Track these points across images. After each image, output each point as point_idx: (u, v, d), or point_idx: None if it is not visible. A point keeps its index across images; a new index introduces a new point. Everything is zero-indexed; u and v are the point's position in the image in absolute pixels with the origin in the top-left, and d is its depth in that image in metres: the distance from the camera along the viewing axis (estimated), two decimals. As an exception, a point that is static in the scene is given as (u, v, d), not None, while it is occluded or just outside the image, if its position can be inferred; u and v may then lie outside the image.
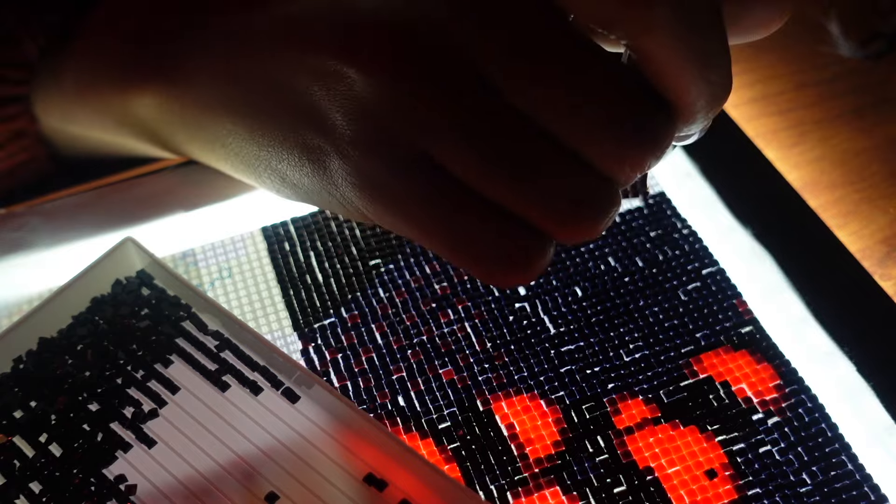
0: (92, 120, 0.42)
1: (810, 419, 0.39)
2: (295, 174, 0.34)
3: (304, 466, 0.36)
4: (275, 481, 0.36)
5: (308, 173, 0.34)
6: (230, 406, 0.38)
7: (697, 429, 0.39)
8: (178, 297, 0.40)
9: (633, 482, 0.37)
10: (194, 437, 0.37)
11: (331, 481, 0.36)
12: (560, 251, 0.45)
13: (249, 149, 0.35)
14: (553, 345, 0.42)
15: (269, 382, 0.38)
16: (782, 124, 0.54)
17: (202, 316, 0.40)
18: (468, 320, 0.43)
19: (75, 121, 0.43)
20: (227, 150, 0.37)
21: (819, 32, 0.60)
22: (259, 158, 0.35)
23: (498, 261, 0.31)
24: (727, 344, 0.42)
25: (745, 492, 0.37)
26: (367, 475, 0.36)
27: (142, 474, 0.36)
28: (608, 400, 0.40)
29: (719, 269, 0.45)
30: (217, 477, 0.36)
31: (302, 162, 0.33)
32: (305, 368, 0.38)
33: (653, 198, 0.48)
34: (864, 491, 0.37)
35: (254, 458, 0.36)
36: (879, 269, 0.46)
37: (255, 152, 0.35)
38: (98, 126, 0.42)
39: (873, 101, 0.55)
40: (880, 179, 0.51)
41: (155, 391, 0.38)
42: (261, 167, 0.36)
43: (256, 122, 0.34)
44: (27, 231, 0.46)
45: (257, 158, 0.36)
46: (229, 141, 0.36)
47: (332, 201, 0.34)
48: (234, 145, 0.36)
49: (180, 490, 0.35)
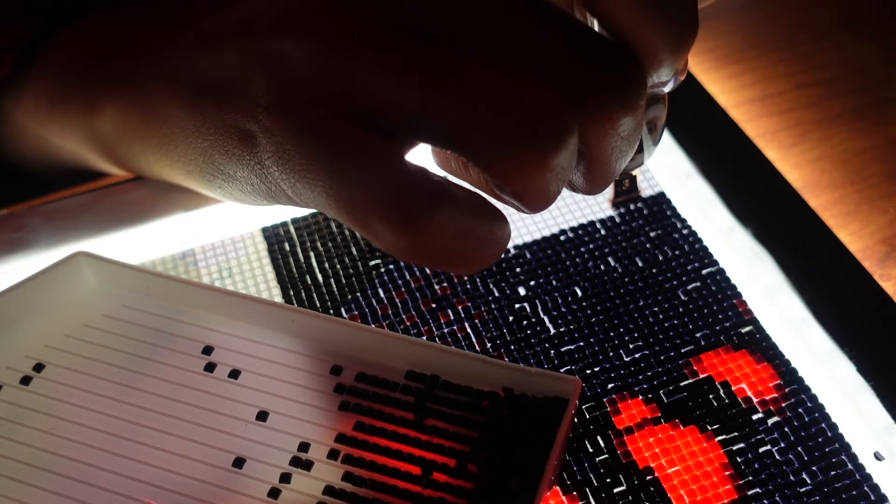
0: (59, 136, 0.42)
1: (810, 419, 0.39)
2: (230, 164, 0.34)
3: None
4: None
5: (239, 158, 0.34)
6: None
7: (697, 429, 0.39)
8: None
9: (633, 482, 0.38)
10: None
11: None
12: (560, 251, 0.45)
13: (195, 142, 0.35)
14: (553, 345, 0.42)
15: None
16: (782, 124, 0.54)
17: (191, 313, 0.40)
18: (468, 320, 0.43)
19: (42, 136, 0.43)
20: (177, 150, 0.37)
21: (819, 32, 0.60)
22: (202, 151, 0.36)
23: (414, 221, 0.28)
24: (727, 344, 0.42)
25: (745, 492, 0.37)
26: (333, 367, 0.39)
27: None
28: (608, 400, 0.40)
29: (719, 269, 0.45)
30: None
31: (234, 146, 0.33)
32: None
33: (652, 198, 0.48)
34: (863, 491, 0.37)
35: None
36: (879, 269, 0.46)
37: (198, 144, 0.35)
38: (63, 142, 0.43)
39: (873, 101, 0.56)
40: (880, 179, 0.51)
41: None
42: (203, 161, 0.36)
43: (201, 111, 0.34)
44: (28, 232, 0.46)
45: (200, 152, 0.36)
46: (179, 139, 0.36)
47: (262, 188, 0.34)
48: (182, 143, 0.36)
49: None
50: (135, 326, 0.40)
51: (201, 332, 0.40)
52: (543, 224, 0.47)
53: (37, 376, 0.39)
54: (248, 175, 0.34)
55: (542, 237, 0.46)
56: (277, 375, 0.38)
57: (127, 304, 0.41)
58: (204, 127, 0.34)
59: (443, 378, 0.38)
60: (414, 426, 0.37)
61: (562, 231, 0.46)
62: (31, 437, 0.37)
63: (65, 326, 0.40)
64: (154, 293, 0.41)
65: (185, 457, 0.36)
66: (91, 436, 0.37)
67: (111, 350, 0.39)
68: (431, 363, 0.38)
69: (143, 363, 0.39)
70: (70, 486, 0.36)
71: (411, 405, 0.37)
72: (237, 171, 0.34)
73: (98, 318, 0.40)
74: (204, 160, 0.36)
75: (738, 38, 0.60)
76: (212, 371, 0.39)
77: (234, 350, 0.39)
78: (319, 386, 0.38)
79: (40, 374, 0.39)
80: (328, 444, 0.37)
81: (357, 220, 0.29)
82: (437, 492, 0.35)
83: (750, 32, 0.61)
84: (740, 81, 0.57)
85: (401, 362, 0.38)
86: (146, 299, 0.41)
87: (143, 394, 0.38)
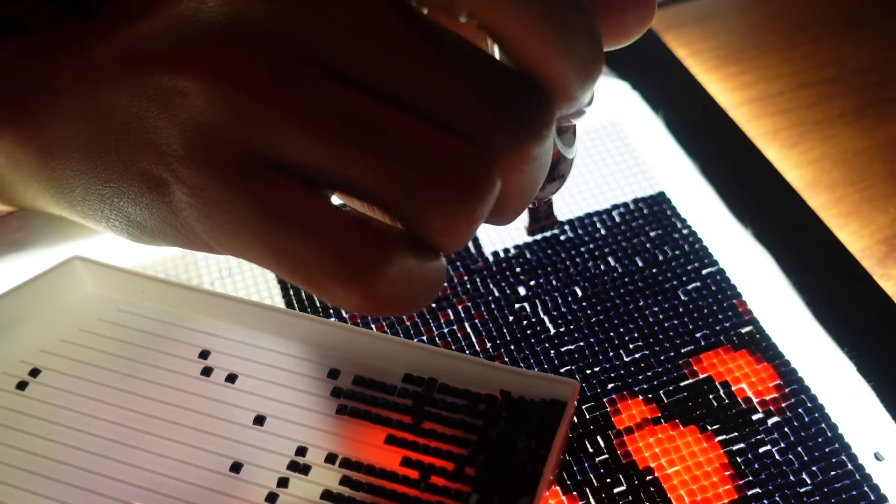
0: None
1: (810, 419, 0.39)
2: (137, 211, 0.32)
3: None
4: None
5: (148, 206, 0.32)
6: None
7: (697, 429, 0.39)
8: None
9: (633, 482, 0.37)
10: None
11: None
12: (560, 251, 0.45)
13: (94, 188, 0.33)
14: (553, 344, 0.42)
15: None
16: (782, 124, 0.54)
17: (187, 317, 0.40)
18: (468, 320, 0.43)
19: None
20: (74, 194, 0.35)
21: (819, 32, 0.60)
22: (103, 198, 0.33)
23: (335, 271, 0.28)
24: (727, 344, 0.42)
25: (745, 492, 0.37)
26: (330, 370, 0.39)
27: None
28: (608, 400, 0.40)
29: (719, 269, 0.45)
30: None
31: (142, 195, 0.31)
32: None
33: (652, 198, 0.48)
34: (863, 491, 0.37)
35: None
36: (879, 269, 0.46)
37: (98, 191, 0.33)
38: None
39: (873, 101, 0.55)
40: (880, 179, 0.51)
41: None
42: (106, 208, 0.34)
43: (101, 157, 0.32)
44: (28, 233, 0.46)
45: (101, 199, 0.33)
46: (77, 184, 0.34)
47: (177, 236, 0.32)
48: (80, 189, 0.34)
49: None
50: (131, 331, 0.40)
51: (198, 336, 0.40)
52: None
53: (33, 381, 0.38)
54: (160, 224, 0.32)
55: (543, 237, 0.46)
56: (274, 379, 0.38)
57: (123, 308, 0.41)
58: (105, 174, 0.32)
59: (440, 381, 0.38)
60: (411, 429, 0.37)
61: (562, 231, 0.46)
62: (28, 443, 0.37)
63: (61, 331, 0.40)
64: (150, 297, 0.41)
65: (182, 461, 0.36)
66: (87, 441, 0.37)
67: (107, 354, 0.39)
68: (429, 366, 0.38)
69: (140, 367, 0.39)
70: (67, 492, 0.36)
71: (409, 408, 0.37)
72: (147, 220, 0.32)
73: (94, 322, 0.40)
74: (108, 207, 0.33)
75: (738, 38, 0.60)
76: (208, 375, 0.39)
77: (230, 354, 0.39)
78: (317, 390, 0.38)
79: (36, 380, 0.39)
80: (326, 447, 0.36)
81: (300, 276, 0.28)
82: (436, 495, 0.35)
83: (750, 32, 0.61)
84: (740, 81, 0.57)
85: (398, 365, 0.38)
86: (142, 303, 0.41)
87: (139, 398, 0.38)
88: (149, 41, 0.30)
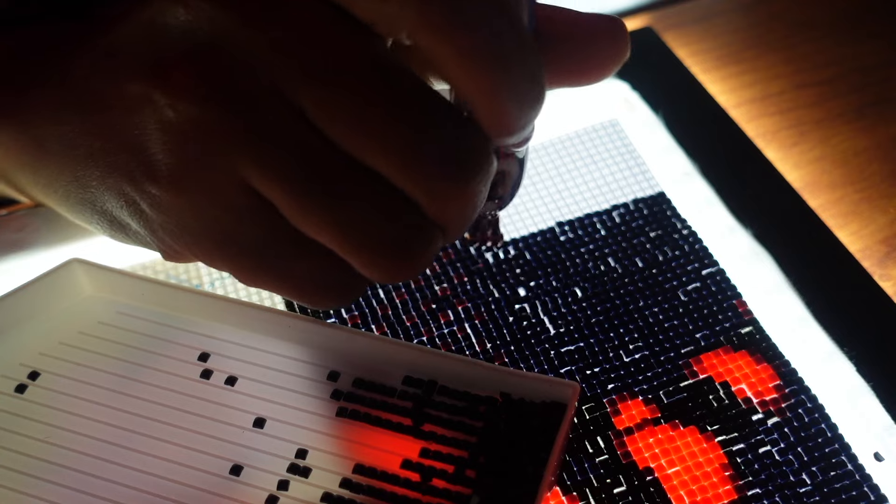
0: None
1: (810, 419, 0.39)
2: (121, 215, 0.33)
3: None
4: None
5: (129, 214, 0.32)
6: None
7: (697, 429, 0.39)
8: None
9: (633, 482, 0.37)
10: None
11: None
12: (560, 251, 0.45)
13: (76, 191, 0.34)
14: (553, 345, 0.42)
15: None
16: (782, 124, 0.54)
17: (187, 320, 0.40)
18: (468, 321, 0.43)
19: None
20: (58, 194, 0.35)
21: (818, 32, 0.60)
22: (85, 201, 0.34)
23: (313, 291, 0.32)
24: (727, 344, 0.42)
25: (745, 492, 0.37)
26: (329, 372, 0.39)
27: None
28: (608, 400, 0.40)
29: (719, 270, 0.45)
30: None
31: (121, 205, 0.32)
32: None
33: (652, 198, 0.48)
34: (863, 491, 0.37)
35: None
36: (879, 269, 0.46)
37: (80, 194, 0.34)
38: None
39: (873, 101, 0.55)
40: (880, 179, 0.51)
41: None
42: (88, 210, 0.34)
43: (81, 162, 0.32)
44: (28, 233, 0.46)
45: (82, 201, 0.34)
46: (61, 184, 0.34)
47: (156, 244, 0.33)
48: (63, 189, 0.34)
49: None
50: (130, 333, 0.40)
51: (197, 339, 0.40)
52: (542, 222, 0.47)
53: (32, 384, 0.38)
54: (140, 229, 0.33)
55: (543, 237, 0.46)
56: (274, 382, 0.38)
57: (122, 310, 0.41)
58: (84, 179, 0.33)
59: (440, 383, 0.38)
60: (412, 432, 0.37)
61: (562, 231, 0.46)
62: (27, 446, 0.37)
63: (59, 334, 0.40)
64: (150, 300, 0.41)
65: (182, 464, 0.36)
66: (87, 444, 0.37)
67: (107, 357, 0.39)
68: (429, 368, 0.38)
69: (139, 370, 0.39)
70: (66, 495, 0.36)
71: (409, 411, 0.37)
72: (129, 224, 0.33)
73: (93, 325, 0.40)
74: (90, 210, 0.34)
75: (738, 38, 0.60)
76: (208, 378, 0.39)
77: (230, 356, 0.39)
78: (317, 392, 0.38)
79: (35, 383, 0.38)
80: (326, 450, 0.36)
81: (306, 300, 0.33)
82: (436, 498, 0.35)
83: (750, 32, 0.61)
84: (740, 81, 0.57)
85: (398, 368, 0.38)
86: (142, 306, 0.41)
87: (139, 401, 0.38)
88: (130, 53, 0.30)
